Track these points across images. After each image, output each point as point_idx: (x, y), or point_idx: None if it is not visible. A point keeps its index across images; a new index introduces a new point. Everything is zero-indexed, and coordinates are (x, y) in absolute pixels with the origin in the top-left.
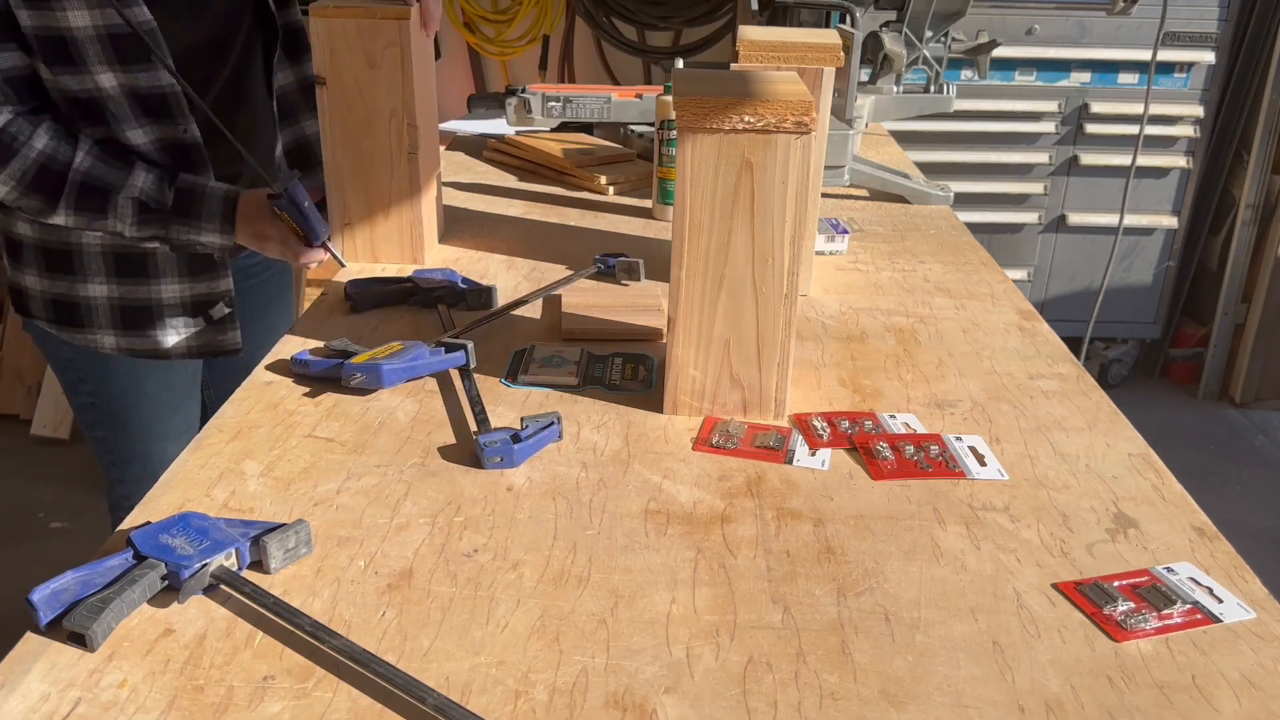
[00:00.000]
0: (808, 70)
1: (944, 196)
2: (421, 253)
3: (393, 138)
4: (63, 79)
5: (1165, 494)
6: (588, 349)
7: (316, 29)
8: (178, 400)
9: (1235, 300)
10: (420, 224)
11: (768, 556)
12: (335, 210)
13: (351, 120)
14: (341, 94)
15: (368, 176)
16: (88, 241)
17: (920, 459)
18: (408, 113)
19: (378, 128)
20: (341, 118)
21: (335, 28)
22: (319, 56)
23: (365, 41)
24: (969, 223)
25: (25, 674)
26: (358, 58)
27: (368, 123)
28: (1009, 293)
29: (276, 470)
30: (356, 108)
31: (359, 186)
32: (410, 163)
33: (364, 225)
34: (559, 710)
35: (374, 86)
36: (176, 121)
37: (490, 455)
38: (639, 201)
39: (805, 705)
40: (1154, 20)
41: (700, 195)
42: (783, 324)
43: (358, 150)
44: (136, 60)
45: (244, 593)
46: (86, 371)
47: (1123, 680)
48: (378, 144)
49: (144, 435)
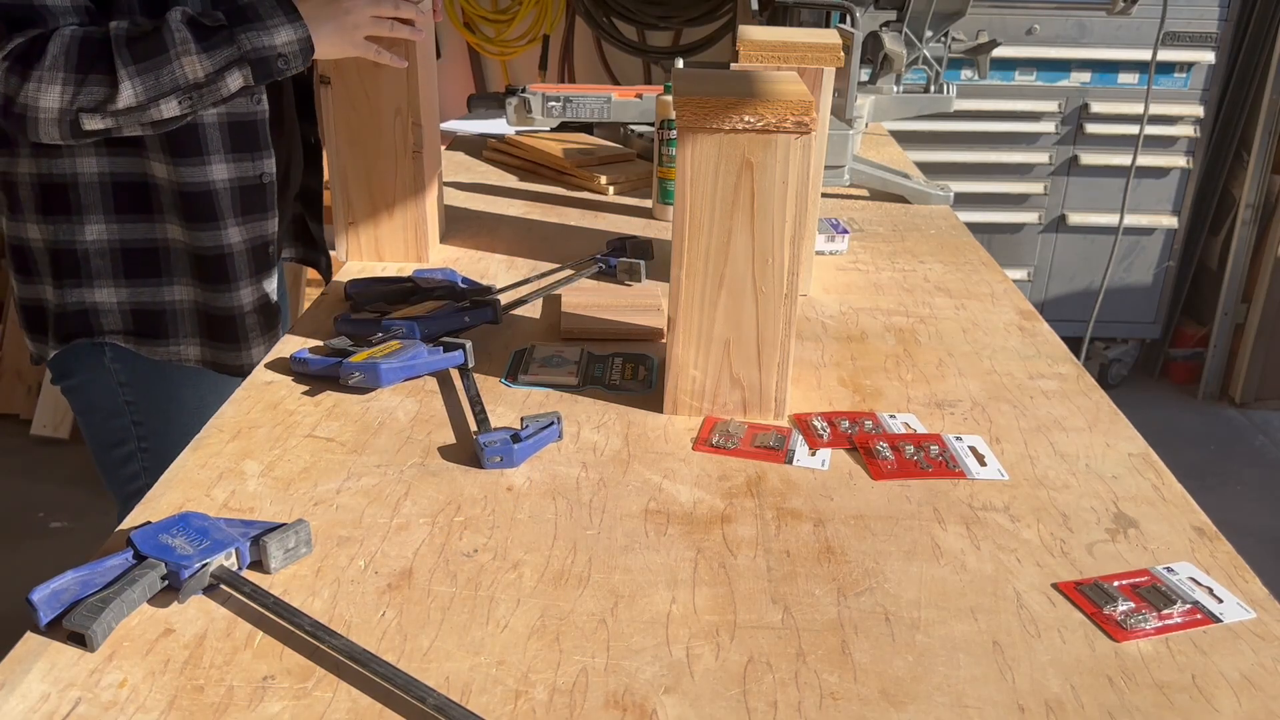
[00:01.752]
0: (808, 70)
1: (944, 196)
2: (426, 251)
3: (397, 136)
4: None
5: (1165, 494)
6: (588, 349)
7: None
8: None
9: (1235, 300)
10: (425, 222)
11: (768, 556)
12: (340, 209)
13: (356, 119)
14: (346, 93)
15: (372, 175)
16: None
17: (920, 459)
18: (412, 111)
19: (382, 126)
20: (346, 117)
21: None
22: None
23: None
24: (969, 223)
25: (25, 674)
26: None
27: (372, 121)
28: (1009, 293)
29: (276, 470)
30: (361, 107)
31: (363, 185)
32: (415, 161)
33: (368, 224)
34: (559, 710)
35: (378, 86)
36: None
37: (490, 455)
38: (639, 201)
39: (805, 705)
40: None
41: (700, 195)
42: (783, 324)
43: (362, 149)
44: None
45: (244, 593)
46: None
47: (1123, 680)
48: (382, 142)
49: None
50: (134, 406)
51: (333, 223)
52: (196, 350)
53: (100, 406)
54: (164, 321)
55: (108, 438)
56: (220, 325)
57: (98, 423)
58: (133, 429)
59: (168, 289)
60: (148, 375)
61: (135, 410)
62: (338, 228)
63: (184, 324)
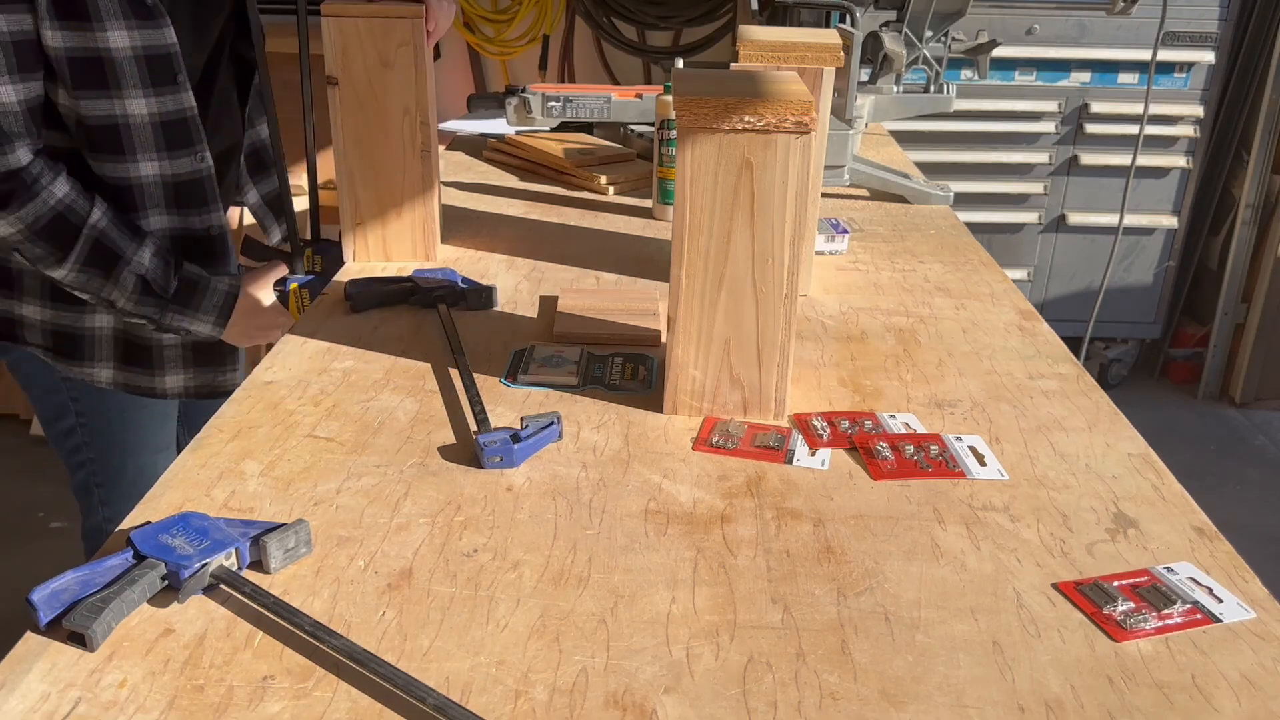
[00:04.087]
0: (808, 70)
1: (944, 196)
2: (434, 250)
3: (405, 136)
4: (85, 104)
5: (1165, 494)
6: (588, 349)
7: (328, 29)
8: (167, 409)
9: (1235, 300)
10: (433, 221)
11: (768, 556)
12: (346, 210)
13: (363, 120)
14: (353, 94)
15: (379, 175)
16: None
17: (920, 459)
18: (420, 111)
19: (390, 127)
20: (353, 118)
21: (347, 28)
22: (330, 57)
23: (378, 41)
24: (969, 223)
25: (25, 674)
26: (370, 57)
27: (380, 122)
28: (1009, 292)
29: (276, 470)
30: (368, 107)
31: (370, 186)
32: (423, 160)
33: (375, 224)
34: (559, 710)
35: (386, 86)
36: (194, 149)
37: (490, 455)
38: (639, 201)
39: (805, 705)
40: (1154, 20)
41: (700, 195)
42: (783, 324)
43: (369, 150)
44: (163, 83)
45: (244, 592)
46: (79, 391)
47: (1123, 680)
48: (390, 143)
49: (136, 449)
50: (69, 384)
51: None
52: (109, 374)
53: (37, 382)
54: (82, 344)
55: (49, 412)
56: (136, 351)
57: (37, 396)
58: (70, 404)
59: (89, 315)
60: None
61: (70, 387)
62: (344, 228)
63: (101, 349)
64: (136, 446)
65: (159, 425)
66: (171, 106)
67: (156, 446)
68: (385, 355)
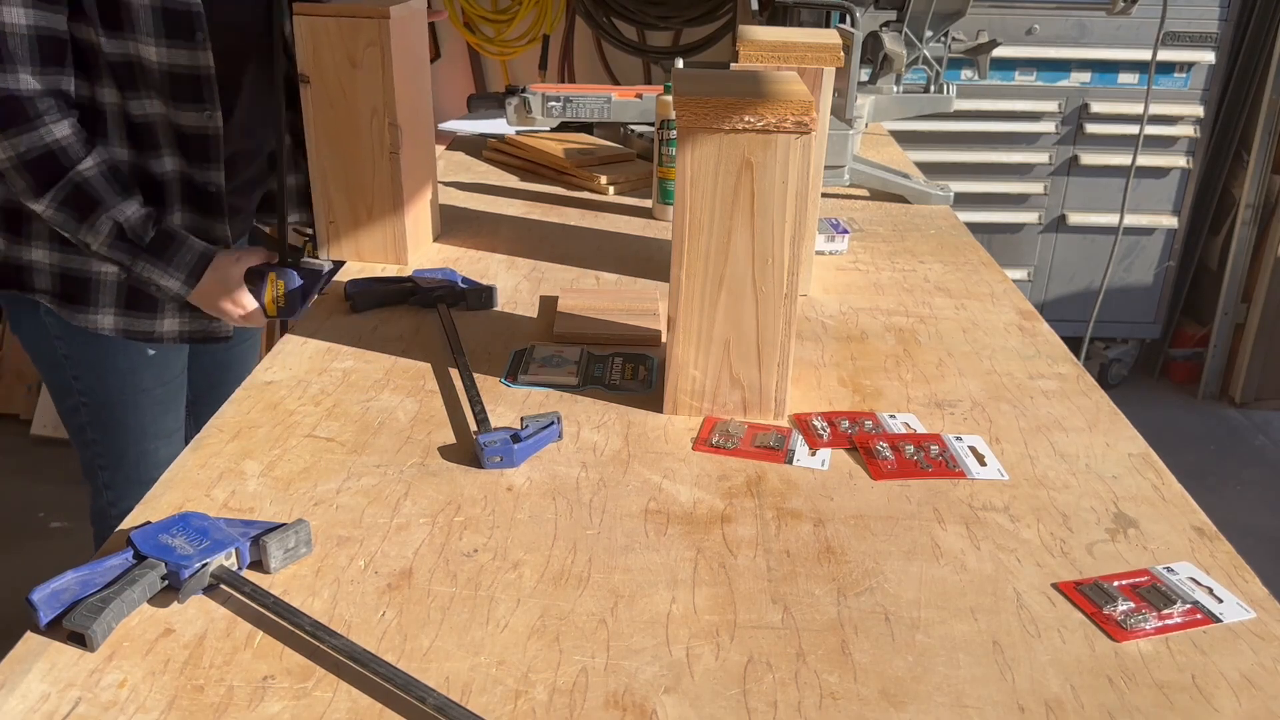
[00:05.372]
0: (808, 70)
1: (944, 196)
2: (405, 254)
3: (374, 137)
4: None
5: (1165, 494)
6: (588, 349)
7: (300, 27)
8: (169, 397)
9: (1235, 300)
10: (403, 224)
11: (768, 556)
12: (320, 209)
13: (334, 119)
14: (324, 93)
15: (350, 176)
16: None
17: (920, 459)
18: (389, 112)
19: (360, 127)
20: (325, 116)
21: (318, 26)
22: (303, 55)
23: (346, 40)
24: (969, 223)
25: (25, 674)
26: (339, 56)
27: (350, 122)
28: (1009, 293)
29: (276, 470)
30: (339, 107)
31: (342, 185)
32: (392, 162)
33: (348, 224)
34: (559, 710)
35: (355, 86)
36: (203, 106)
37: (490, 455)
38: (639, 201)
39: (805, 705)
40: (1154, 20)
41: (700, 195)
42: (783, 324)
43: (341, 149)
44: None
45: (244, 592)
46: (81, 369)
47: (1123, 680)
48: (360, 143)
49: (139, 434)
50: (70, 361)
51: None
52: (111, 320)
53: (43, 358)
54: (88, 289)
55: (55, 389)
56: (139, 296)
57: (44, 372)
58: (73, 383)
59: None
60: (79, 335)
61: (72, 365)
62: (318, 227)
63: (105, 294)
64: (138, 431)
65: (162, 410)
66: (185, 60)
67: (159, 432)
68: (385, 355)
